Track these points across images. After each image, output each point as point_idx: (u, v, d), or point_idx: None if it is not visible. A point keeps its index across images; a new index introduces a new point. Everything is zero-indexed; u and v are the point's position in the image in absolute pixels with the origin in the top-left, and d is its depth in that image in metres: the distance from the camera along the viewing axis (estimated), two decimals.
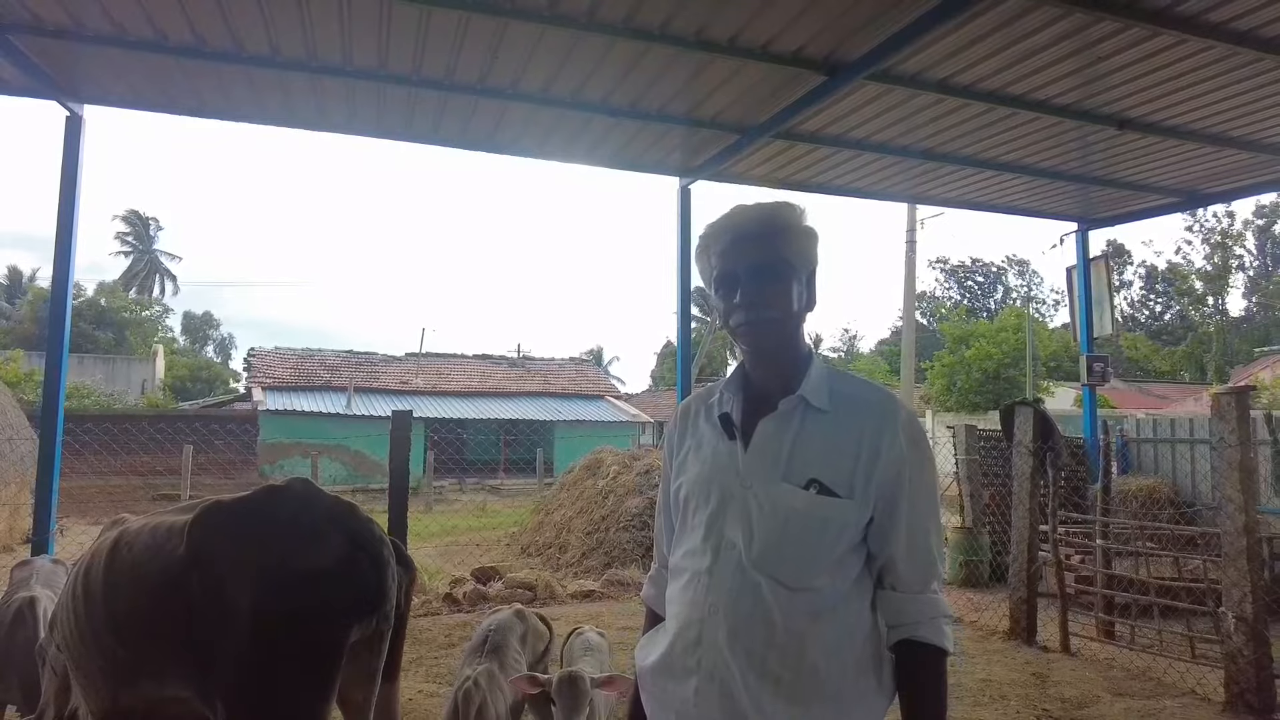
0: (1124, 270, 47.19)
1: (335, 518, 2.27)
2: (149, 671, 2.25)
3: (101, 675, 2.33)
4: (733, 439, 1.49)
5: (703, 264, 1.57)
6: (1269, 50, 4.83)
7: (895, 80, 5.37)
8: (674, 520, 1.59)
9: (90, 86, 5.65)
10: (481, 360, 31.75)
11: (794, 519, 1.40)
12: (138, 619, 2.23)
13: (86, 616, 2.33)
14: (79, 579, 2.41)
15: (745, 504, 1.42)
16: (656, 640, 1.53)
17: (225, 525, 2.23)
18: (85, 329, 36.31)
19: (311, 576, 2.13)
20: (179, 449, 15.65)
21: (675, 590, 1.51)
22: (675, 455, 1.60)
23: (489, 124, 6.23)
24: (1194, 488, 8.35)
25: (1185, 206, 8.44)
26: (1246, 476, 4.83)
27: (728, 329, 1.54)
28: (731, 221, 1.52)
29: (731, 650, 1.37)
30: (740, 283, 1.47)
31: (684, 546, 1.51)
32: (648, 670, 1.52)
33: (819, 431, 1.44)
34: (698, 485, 1.50)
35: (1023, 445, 6.51)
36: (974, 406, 25.43)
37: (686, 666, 1.42)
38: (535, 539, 10.89)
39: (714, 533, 1.45)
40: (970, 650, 6.02)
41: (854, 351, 56.88)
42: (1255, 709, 4.66)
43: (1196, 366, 36.59)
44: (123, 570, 2.29)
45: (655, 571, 1.70)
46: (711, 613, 1.40)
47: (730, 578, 1.40)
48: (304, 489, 2.35)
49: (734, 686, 1.36)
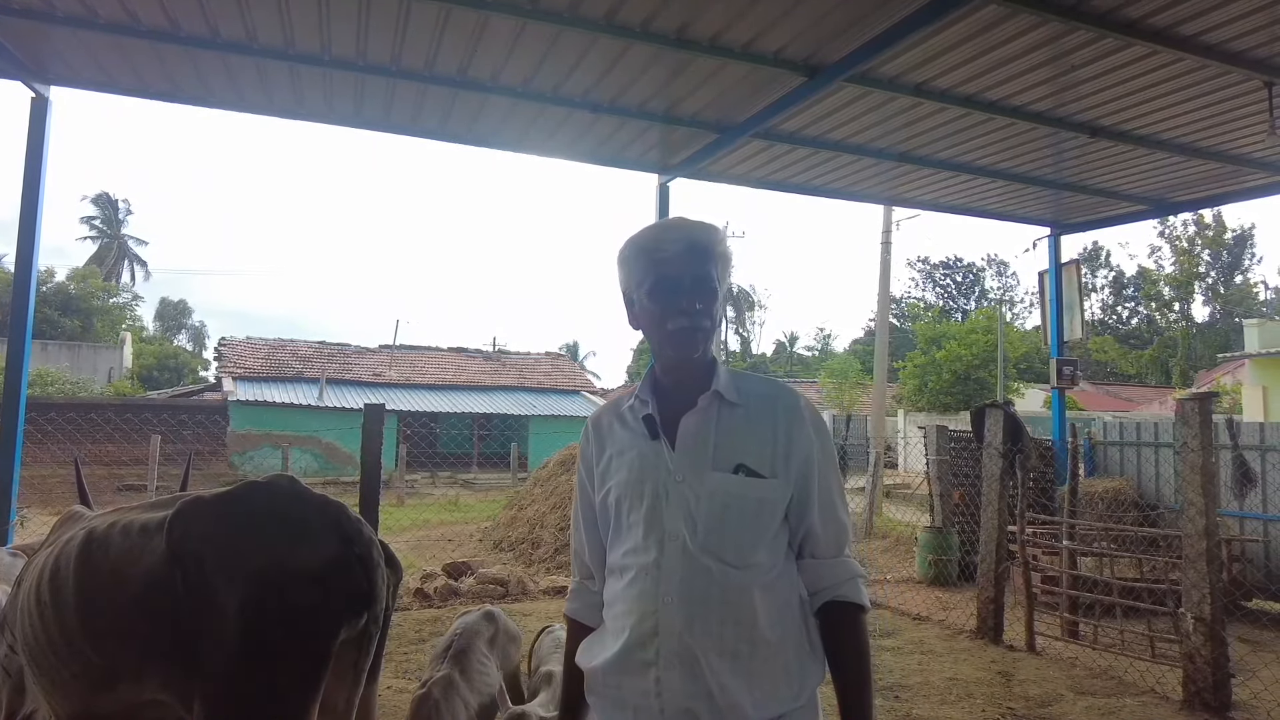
0: (1098, 274, 47.99)
1: (327, 516, 2.22)
2: (127, 675, 2.17)
3: (74, 681, 2.24)
4: (656, 438, 1.56)
5: (635, 267, 1.60)
6: (1237, 64, 4.93)
7: (874, 83, 5.42)
8: (601, 530, 1.64)
9: (58, 68, 5.53)
10: (456, 353, 31.54)
11: (731, 502, 1.51)
12: (116, 623, 2.15)
13: (57, 624, 2.23)
14: (44, 584, 2.30)
15: (682, 495, 1.51)
16: (602, 642, 1.58)
17: (210, 522, 2.16)
18: (50, 315, 35.50)
19: (304, 576, 2.08)
20: (146, 438, 15.37)
21: (618, 589, 1.55)
22: (596, 466, 1.65)
23: (468, 116, 6.19)
24: (1157, 490, 8.52)
25: (1154, 214, 8.60)
26: (1208, 480, 4.94)
27: (660, 332, 1.58)
28: (682, 233, 1.59)
29: (691, 633, 1.45)
30: (684, 290, 1.55)
31: (623, 546, 1.56)
32: (599, 670, 1.54)
33: (735, 423, 1.57)
34: (629, 487, 1.56)
35: (992, 447, 6.60)
36: (945, 407, 25.75)
37: (644, 659, 1.47)
38: (508, 534, 10.86)
39: (655, 527, 1.51)
40: (938, 649, 6.10)
41: (828, 350, 57.23)
42: (1211, 706, 4.77)
43: (1162, 370, 37.34)
44: (98, 573, 2.20)
45: (578, 585, 1.73)
46: (665, 603, 1.47)
47: (679, 566, 1.48)
48: (291, 486, 2.29)
49: (699, 668, 1.44)
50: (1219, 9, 4.40)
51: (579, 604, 1.70)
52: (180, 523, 2.16)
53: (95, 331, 37.70)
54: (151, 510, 2.32)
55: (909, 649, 6.10)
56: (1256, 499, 7.70)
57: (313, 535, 2.17)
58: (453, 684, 2.96)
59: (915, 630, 6.66)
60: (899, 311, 44.81)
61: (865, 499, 12.79)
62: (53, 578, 2.29)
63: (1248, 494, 7.71)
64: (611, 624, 1.56)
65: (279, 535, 2.14)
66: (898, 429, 25.64)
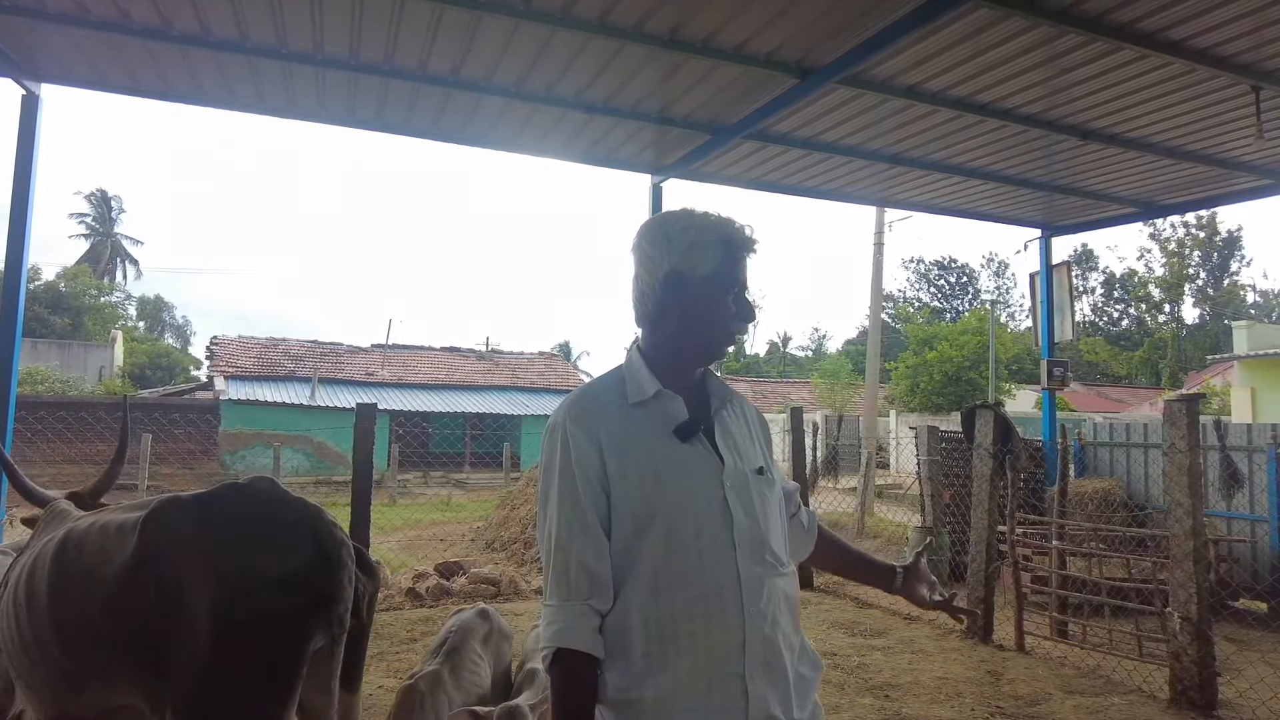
0: (1088, 277, 48.19)
1: (300, 521, 2.20)
2: (97, 679, 2.14)
3: (46, 685, 2.22)
4: (686, 440, 1.49)
5: (711, 254, 1.50)
6: (1225, 68, 4.97)
7: (866, 85, 5.44)
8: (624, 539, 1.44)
9: (50, 65, 5.50)
10: (449, 352, 31.48)
11: (770, 505, 1.54)
12: (86, 624, 2.11)
13: (30, 624, 2.21)
14: (21, 584, 2.28)
15: (737, 502, 1.48)
16: (661, 664, 1.40)
17: (184, 524, 2.12)
18: (40, 313, 35.32)
19: (276, 581, 2.05)
20: (137, 437, 15.33)
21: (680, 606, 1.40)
22: (605, 466, 1.44)
23: (462, 116, 6.19)
24: (1146, 490, 8.57)
25: (1144, 216, 8.66)
26: (1195, 481, 4.98)
27: (718, 329, 1.53)
28: (751, 236, 1.57)
29: (776, 640, 1.47)
30: (744, 294, 1.57)
31: (682, 558, 1.42)
32: (668, 695, 1.39)
33: (737, 424, 1.59)
34: (679, 495, 1.44)
35: (983, 447, 6.64)
36: (936, 407, 25.81)
37: (730, 673, 1.42)
38: (500, 534, 10.86)
39: (722, 536, 1.45)
40: (928, 648, 6.13)
41: (821, 351, 57.34)
42: (1198, 705, 4.81)
43: (1152, 371, 37.55)
44: (71, 574, 2.17)
45: (581, 608, 1.41)
46: (750, 612, 1.44)
47: (756, 575, 1.47)
48: (269, 489, 2.27)
49: (779, 673, 1.47)
50: (1208, 14, 4.43)
51: (587, 634, 1.40)
52: (153, 523, 2.12)
53: (86, 330, 37.48)
54: (132, 510, 2.30)
55: (899, 648, 6.13)
56: (1243, 499, 7.75)
57: (283, 540, 2.13)
58: (440, 680, 2.95)
59: (906, 629, 6.69)
60: (892, 312, 44.88)
61: (857, 499, 12.84)
62: (29, 577, 2.27)
63: (1235, 494, 7.76)
64: (671, 644, 1.40)
65: (250, 539, 2.10)
66: (889, 429, 25.71)
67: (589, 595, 1.41)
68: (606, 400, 1.52)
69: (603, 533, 1.44)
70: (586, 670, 1.40)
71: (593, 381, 1.62)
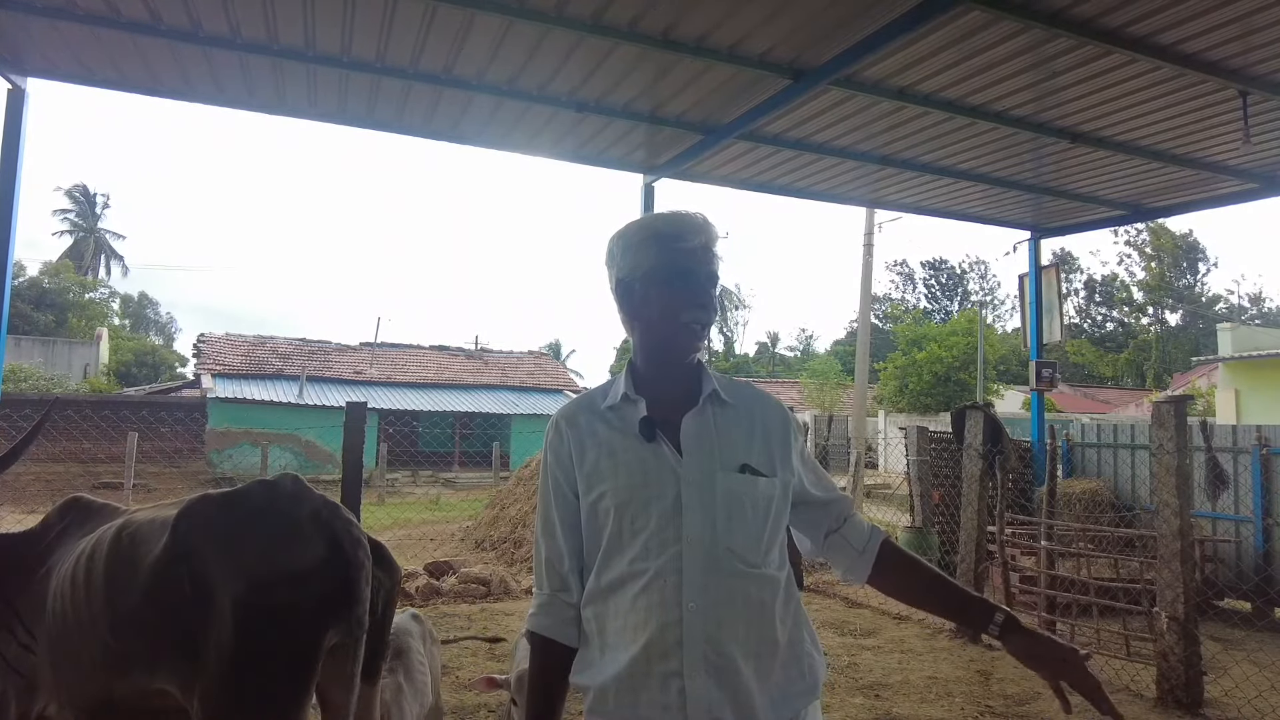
0: (1071, 279, 48.58)
1: (319, 518, 2.28)
2: (141, 662, 2.27)
3: (94, 665, 2.35)
4: (652, 440, 1.51)
5: (646, 253, 1.55)
6: (1213, 72, 5.01)
7: (858, 86, 5.45)
8: (587, 536, 1.54)
9: (36, 59, 5.44)
10: (438, 351, 31.39)
11: (744, 502, 1.50)
12: (133, 610, 2.25)
13: (87, 604, 2.35)
14: (80, 566, 2.42)
15: (697, 498, 1.47)
16: (600, 657, 1.49)
17: (212, 519, 2.24)
18: (24, 309, 34.96)
19: (292, 575, 2.15)
20: (123, 435, 15.18)
21: (626, 599, 1.47)
22: (578, 468, 1.55)
23: (453, 114, 6.16)
24: (1133, 491, 8.63)
25: (1131, 219, 8.72)
26: (1182, 482, 5.02)
27: (671, 324, 1.55)
28: (700, 227, 1.57)
29: (720, 639, 1.43)
30: (701, 284, 1.55)
31: (629, 554, 1.48)
32: (607, 688, 1.46)
33: (731, 422, 1.56)
34: (632, 492, 1.49)
35: (972, 448, 6.67)
36: (925, 408, 25.96)
37: (666, 671, 1.42)
38: (490, 533, 10.83)
39: (671, 532, 1.46)
40: (918, 648, 6.16)
41: (810, 351, 57.51)
42: (1184, 704, 4.85)
43: (1137, 373, 37.88)
44: (122, 561, 2.31)
45: (548, 598, 1.56)
46: (690, 609, 1.43)
47: (702, 571, 1.45)
48: (294, 486, 2.35)
49: (726, 675, 1.42)
50: (1196, 19, 4.46)
51: (551, 620, 1.54)
52: (185, 520, 2.24)
53: (70, 327, 37.13)
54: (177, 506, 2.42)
55: (889, 648, 6.15)
56: (1229, 500, 7.83)
57: (302, 536, 2.23)
58: (400, 690, 2.94)
59: (895, 629, 6.72)
60: (881, 312, 45.07)
61: None
62: (89, 560, 2.41)
63: (1220, 495, 7.83)
64: (616, 637, 1.47)
65: (271, 535, 2.22)
66: (878, 429, 25.80)
67: (558, 589, 1.56)
68: (589, 405, 1.61)
69: (568, 533, 1.56)
70: (551, 654, 1.54)
71: (592, 389, 1.71)
